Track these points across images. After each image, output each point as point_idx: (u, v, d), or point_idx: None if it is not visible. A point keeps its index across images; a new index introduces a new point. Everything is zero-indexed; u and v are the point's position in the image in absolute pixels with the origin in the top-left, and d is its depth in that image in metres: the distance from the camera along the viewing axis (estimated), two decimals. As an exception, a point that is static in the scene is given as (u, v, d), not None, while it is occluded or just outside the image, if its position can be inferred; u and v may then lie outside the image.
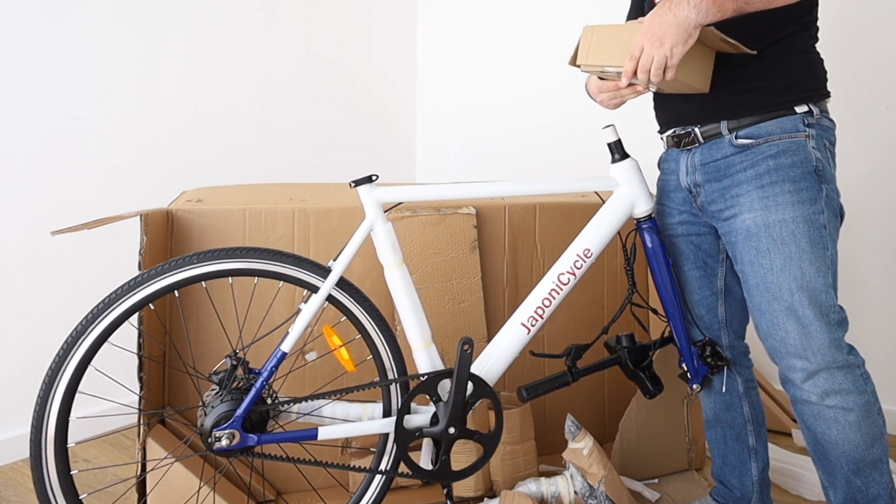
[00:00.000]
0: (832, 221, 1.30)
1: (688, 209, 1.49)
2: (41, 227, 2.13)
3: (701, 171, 1.41)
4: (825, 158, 1.31)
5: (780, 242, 1.28)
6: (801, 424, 1.36)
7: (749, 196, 1.31)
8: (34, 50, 2.09)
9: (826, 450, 1.32)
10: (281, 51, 2.75)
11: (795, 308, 1.27)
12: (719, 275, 1.51)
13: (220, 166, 2.56)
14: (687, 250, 1.51)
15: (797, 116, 1.31)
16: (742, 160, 1.33)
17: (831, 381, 1.27)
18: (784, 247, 1.27)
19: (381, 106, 3.21)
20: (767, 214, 1.29)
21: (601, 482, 1.62)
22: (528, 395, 1.51)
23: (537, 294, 1.49)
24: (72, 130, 2.18)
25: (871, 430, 1.29)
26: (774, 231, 1.28)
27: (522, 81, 3.09)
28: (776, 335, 1.30)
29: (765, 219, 1.29)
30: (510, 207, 1.92)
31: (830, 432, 1.30)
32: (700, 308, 1.53)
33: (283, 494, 1.78)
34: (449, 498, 1.47)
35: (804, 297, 1.26)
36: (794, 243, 1.27)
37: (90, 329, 1.28)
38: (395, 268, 1.42)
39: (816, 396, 1.29)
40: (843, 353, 1.28)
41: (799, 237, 1.27)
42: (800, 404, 1.33)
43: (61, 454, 1.28)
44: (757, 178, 1.31)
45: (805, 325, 1.27)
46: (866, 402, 1.28)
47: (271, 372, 1.35)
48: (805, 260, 1.26)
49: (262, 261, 1.36)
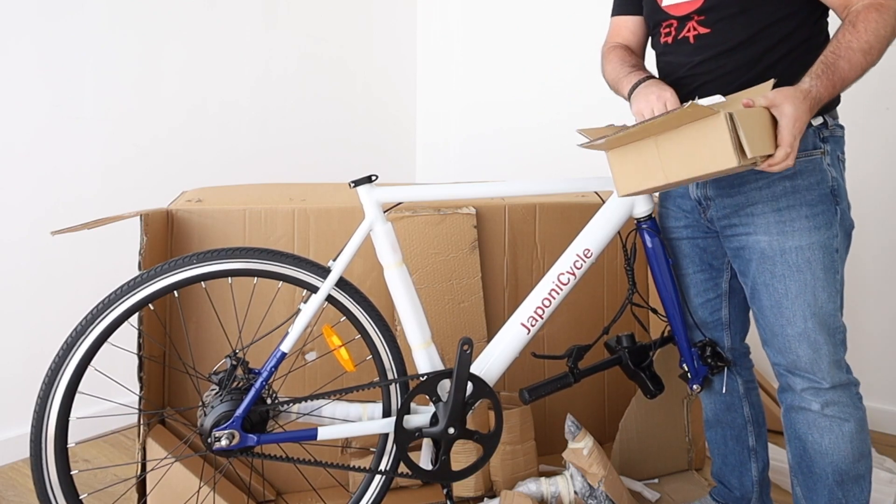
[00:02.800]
0: (844, 242, 1.31)
1: (695, 216, 1.47)
2: (41, 226, 2.13)
3: (712, 185, 1.39)
4: (839, 173, 1.31)
5: (795, 269, 1.28)
6: (790, 434, 1.37)
7: (765, 218, 1.31)
8: (34, 50, 2.09)
9: (812, 460, 1.34)
10: (281, 50, 2.75)
11: (808, 333, 1.28)
12: (724, 277, 1.50)
13: (220, 166, 2.56)
14: (692, 253, 1.51)
15: (811, 130, 1.29)
16: (757, 177, 1.32)
17: (832, 395, 1.30)
18: (800, 274, 1.28)
19: (382, 105, 3.21)
20: (784, 240, 1.29)
21: (601, 482, 1.62)
22: (531, 397, 1.51)
23: (537, 294, 1.49)
24: (72, 130, 2.18)
25: (861, 446, 1.32)
26: (790, 257, 1.28)
27: (522, 81, 3.09)
28: (787, 356, 1.32)
29: (781, 244, 1.29)
30: (510, 207, 1.92)
31: (822, 441, 1.31)
32: (703, 310, 1.52)
33: (283, 494, 1.78)
34: (449, 498, 1.47)
35: (816, 322, 1.28)
36: (810, 270, 1.27)
37: (90, 329, 1.28)
38: (394, 268, 1.42)
39: (817, 405, 1.31)
40: (844, 373, 1.31)
41: (814, 264, 1.27)
42: (795, 412, 1.35)
43: (61, 454, 1.28)
44: (773, 199, 1.30)
45: (816, 348, 1.29)
46: (861, 418, 1.32)
47: (271, 372, 1.35)
48: (819, 286, 1.28)
49: (261, 261, 1.36)
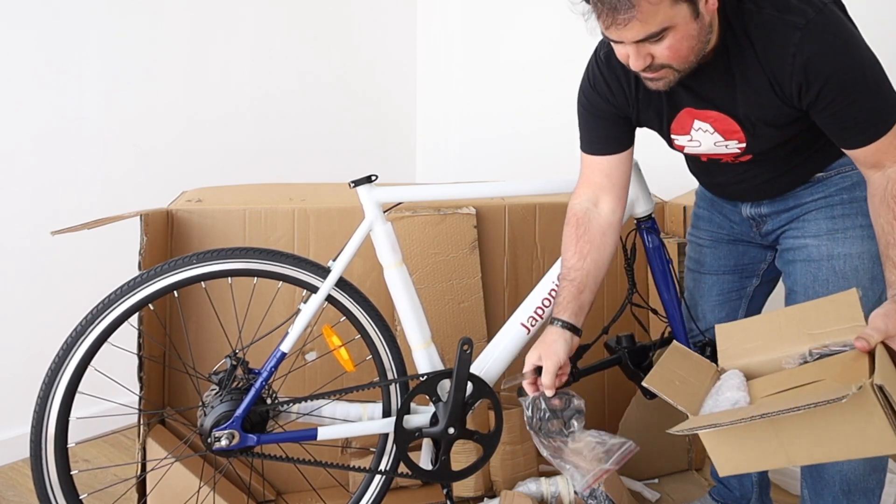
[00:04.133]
0: None
1: (743, 228, 1.44)
2: (41, 226, 2.13)
3: (767, 204, 1.36)
4: None
5: (841, 276, 1.24)
6: None
7: (817, 224, 1.28)
8: (34, 50, 2.09)
9: (822, 465, 1.30)
10: (281, 51, 2.75)
11: None
12: (753, 282, 1.48)
13: (220, 166, 2.56)
14: (728, 254, 1.48)
15: None
16: (813, 191, 1.30)
17: None
18: (844, 281, 1.23)
19: (382, 105, 3.20)
20: (833, 246, 1.25)
21: (601, 482, 1.62)
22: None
23: (537, 294, 1.49)
24: (72, 130, 2.18)
25: (875, 459, 1.26)
26: (837, 263, 1.25)
27: (522, 81, 3.09)
28: None
29: (830, 250, 1.25)
30: (510, 207, 1.92)
31: None
32: (720, 309, 1.50)
33: (283, 494, 1.78)
34: (449, 498, 1.47)
35: None
36: (856, 279, 1.23)
37: (90, 329, 1.28)
38: (394, 268, 1.42)
39: None
40: None
41: (861, 273, 1.23)
42: None
43: (61, 454, 1.28)
44: (828, 207, 1.27)
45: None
46: None
47: (271, 372, 1.35)
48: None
49: (261, 261, 1.36)
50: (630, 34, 1.03)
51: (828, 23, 1.06)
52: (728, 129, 1.21)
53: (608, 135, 1.31)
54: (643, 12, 1.00)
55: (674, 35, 1.04)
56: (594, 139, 1.33)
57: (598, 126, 1.31)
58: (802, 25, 1.05)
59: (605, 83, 1.26)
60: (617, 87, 1.25)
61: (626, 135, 1.32)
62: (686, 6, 1.02)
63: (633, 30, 1.02)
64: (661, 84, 1.13)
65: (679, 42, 1.05)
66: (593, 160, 1.33)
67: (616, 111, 1.28)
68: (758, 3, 1.09)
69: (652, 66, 1.09)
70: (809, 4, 1.07)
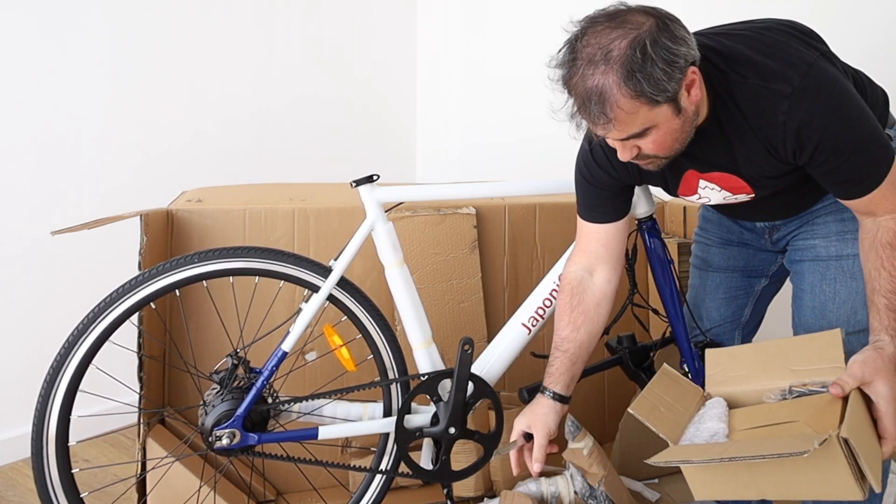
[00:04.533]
0: None
1: (754, 235, 1.45)
2: (41, 226, 2.13)
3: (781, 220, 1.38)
4: None
5: (849, 276, 1.25)
6: None
7: (826, 227, 1.29)
8: (34, 50, 2.09)
9: None
10: (281, 51, 2.75)
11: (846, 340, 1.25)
12: (761, 282, 1.49)
13: (220, 166, 2.56)
14: (738, 256, 1.48)
15: None
16: (824, 200, 1.30)
17: None
18: (852, 281, 1.24)
19: (382, 105, 3.21)
20: (843, 246, 1.26)
21: (601, 482, 1.62)
22: (530, 397, 1.51)
23: (538, 294, 1.49)
24: (72, 130, 2.18)
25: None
26: (846, 263, 1.25)
27: (523, 82, 3.09)
28: None
29: (839, 250, 1.26)
30: (510, 207, 1.92)
31: None
32: (726, 307, 1.50)
33: (284, 494, 1.78)
34: (449, 498, 1.47)
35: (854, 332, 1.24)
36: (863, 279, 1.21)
37: (91, 328, 1.28)
38: (395, 267, 1.42)
39: None
40: None
41: None
42: None
43: (62, 453, 1.28)
44: (838, 210, 1.27)
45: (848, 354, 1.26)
46: None
47: (272, 371, 1.35)
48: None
49: (263, 260, 1.36)
50: (612, 135, 1.06)
51: (813, 86, 1.06)
52: (734, 185, 1.22)
53: (606, 203, 1.32)
54: (621, 121, 1.02)
55: (657, 132, 1.05)
56: (593, 206, 1.33)
57: (598, 195, 1.32)
58: (789, 94, 1.05)
59: (604, 154, 1.27)
60: (616, 158, 1.24)
61: (624, 203, 1.34)
62: (666, 106, 1.03)
63: (614, 132, 1.05)
64: (653, 167, 1.15)
65: (663, 137, 1.07)
66: (591, 228, 1.34)
67: (616, 182, 1.29)
68: (742, 73, 1.09)
69: (640, 156, 1.11)
70: (795, 69, 1.06)
